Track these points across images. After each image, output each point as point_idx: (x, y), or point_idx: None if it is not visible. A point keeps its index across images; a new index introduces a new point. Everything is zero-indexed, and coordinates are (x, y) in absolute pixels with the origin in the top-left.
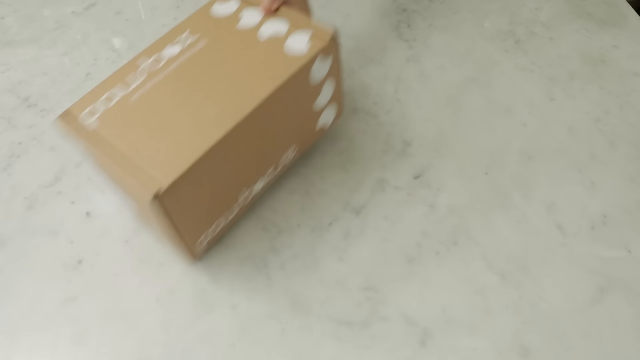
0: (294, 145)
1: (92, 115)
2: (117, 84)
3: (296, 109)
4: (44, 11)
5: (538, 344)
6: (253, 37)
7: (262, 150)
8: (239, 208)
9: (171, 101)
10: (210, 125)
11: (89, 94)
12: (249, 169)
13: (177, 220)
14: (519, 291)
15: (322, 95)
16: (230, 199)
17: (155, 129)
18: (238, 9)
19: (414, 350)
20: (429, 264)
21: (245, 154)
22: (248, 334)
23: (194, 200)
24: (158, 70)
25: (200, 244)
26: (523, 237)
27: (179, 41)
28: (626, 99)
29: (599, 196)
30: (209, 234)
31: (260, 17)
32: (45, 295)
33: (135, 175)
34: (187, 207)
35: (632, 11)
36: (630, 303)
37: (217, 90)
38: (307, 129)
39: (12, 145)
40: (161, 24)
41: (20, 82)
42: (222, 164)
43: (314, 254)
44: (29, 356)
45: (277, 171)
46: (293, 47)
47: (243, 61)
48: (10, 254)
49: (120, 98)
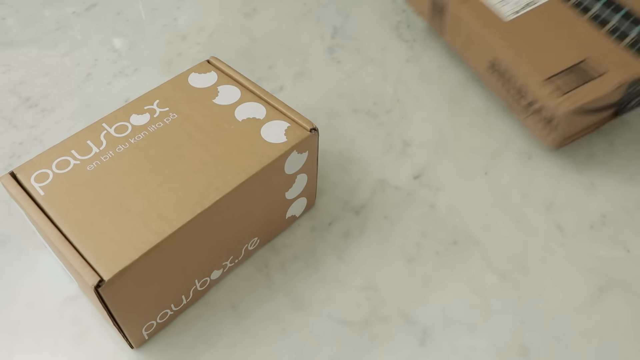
0: (257, 236)
1: (43, 179)
2: (76, 147)
3: (265, 199)
4: (44, 12)
5: (537, 343)
6: (229, 115)
7: (222, 241)
8: (191, 297)
9: (130, 177)
10: (168, 213)
11: (44, 154)
12: (204, 260)
13: (116, 312)
14: (518, 291)
15: (294, 187)
16: (180, 291)
17: (107, 208)
18: (216, 83)
19: (413, 349)
20: (429, 263)
21: (203, 245)
22: (248, 333)
23: (138, 292)
24: (121, 139)
25: (142, 334)
26: (522, 237)
27: (148, 110)
28: None
29: (598, 196)
30: (154, 324)
31: (239, 94)
32: (46, 295)
33: (77, 258)
34: (130, 299)
35: None
36: (629, 303)
37: (181, 172)
38: (274, 219)
39: (13, 145)
40: (162, 24)
41: (21, 83)
42: (175, 256)
43: (314, 254)
44: (29, 356)
45: (236, 261)
46: (270, 134)
47: (214, 142)
48: (11, 253)
49: (76, 165)
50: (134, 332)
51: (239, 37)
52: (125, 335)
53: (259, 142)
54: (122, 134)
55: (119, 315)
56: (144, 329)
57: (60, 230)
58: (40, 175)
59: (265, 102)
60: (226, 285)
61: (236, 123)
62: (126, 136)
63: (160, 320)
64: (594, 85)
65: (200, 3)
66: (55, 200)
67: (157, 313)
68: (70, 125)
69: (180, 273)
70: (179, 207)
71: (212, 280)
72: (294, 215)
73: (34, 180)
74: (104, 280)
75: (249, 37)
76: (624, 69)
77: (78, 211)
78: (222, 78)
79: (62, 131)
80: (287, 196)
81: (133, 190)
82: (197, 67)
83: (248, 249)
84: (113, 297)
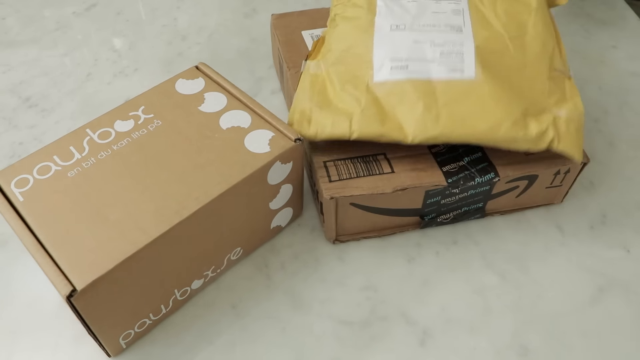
0: (240, 246)
1: (23, 185)
2: (58, 152)
3: (247, 210)
4: (44, 12)
5: (537, 343)
6: (214, 124)
7: (202, 252)
8: (171, 306)
9: (110, 185)
10: (146, 222)
11: (26, 159)
12: (184, 270)
13: (91, 321)
14: (518, 291)
15: (279, 197)
16: (159, 300)
17: (86, 216)
18: (203, 89)
19: (413, 349)
20: (429, 263)
21: (182, 255)
22: (248, 333)
23: (113, 302)
24: (103, 146)
25: (119, 343)
26: (522, 237)
27: (132, 117)
28: (625, 99)
29: (598, 196)
30: (132, 333)
31: (225, 102)
32: (46, 295)
33: (51, 267)
34: (105, 309)
35: (631, 12)
36: (629, 302)
37: (162, 181)
38: (258, 229)
39: (13, 146)
40: (162, 24)
41: (21, 83)
42: (152, 266)
43: (314, 254)
44: (29, 356)
45: (218, 271)
46: (254, 143)
47: (197, 151)
48: (11, 253)
49: (57, 171)
50: (110, 341)
51: (239, 37)
52: (101, 344)
53: (242, 152)
54: (105, 140)
55: (94, 325)
56: (121, 337)
57: (37, 238)
58: (21, 181)
59: (251, 110)
60: (226, 284)
61: (220, 131)
62: (109, 142)
63: (139, 329)
64: (373, 181)
65: (200, 3)
66: (34, 207)
67: (134, 322)
68: (70, 125)
69: (158, 283)
70: (157, 217)
71: (193, 290)
72: (279, 225)
73: (14, 185)
74: (76, 289)
75: (249, 37)
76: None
77: (56, 218)
78: (210, 85)
79: (62, 131)
80: (271, 206)
81: (112, 199)
82: (185, 73)
83: (231, 259)
84: (87, 306)
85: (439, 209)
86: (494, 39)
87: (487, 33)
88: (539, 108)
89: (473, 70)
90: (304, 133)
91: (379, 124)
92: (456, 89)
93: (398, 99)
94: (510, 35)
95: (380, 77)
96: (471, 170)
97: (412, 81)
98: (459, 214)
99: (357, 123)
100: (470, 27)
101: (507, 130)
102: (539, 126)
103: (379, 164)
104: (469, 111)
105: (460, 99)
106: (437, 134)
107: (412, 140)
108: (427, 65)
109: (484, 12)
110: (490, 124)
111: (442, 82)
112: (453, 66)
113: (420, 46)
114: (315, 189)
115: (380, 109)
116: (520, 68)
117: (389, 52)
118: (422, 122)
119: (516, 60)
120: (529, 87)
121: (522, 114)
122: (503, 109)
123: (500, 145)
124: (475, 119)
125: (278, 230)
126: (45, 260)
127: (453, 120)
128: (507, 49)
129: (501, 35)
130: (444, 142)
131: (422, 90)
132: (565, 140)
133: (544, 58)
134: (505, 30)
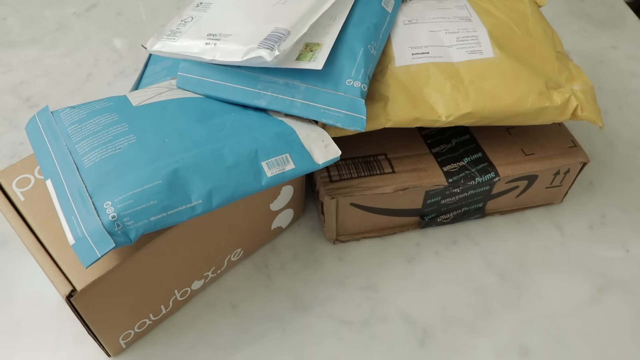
0: (241, 247)
1: (25, 184)
2: None
3: (247, 211)
4: (45, 12)
5: (537, 342)
6: None
7: (202, 253)
8: (171, 307)
9: None
10: None
11: (27, 159)
12: (184, 271)
13: (90, 321)
14: (518, 290)
15: (280, 199)
16: (159, 301)
17: None
18: None
19: (413, 349)
20: (429, 263)
21: (182, 256)
22: (248, 333)
23: (113, 302)
24: None
25: (119, 343)
26: (522, 237)
27: None
28: (624, 99)
29: (597, 196)
30: (132, 334)
31: None
32: (46, 294)
33: (51, 267)
34: (105, 309)
35: (630, 12)
36: (628, 302)
37: None
38: (259, 230)
39: (13, 146)
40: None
41: (21, 83)
42: (152, 267)
43: (314, 254)
44: (29, 355)
45: (219, 272)
46: None
47: None
48: (12, 253)
49: None
50: (110, 341)
51: None
52: (101, 344)
53: None
54: None
55: (94, 325)
56: (121, 338)
57: (38, 238)
58: (22, 181)
59: None
60: (226, 285)
61: None
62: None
63: (139, 329)
64: (374, 180)
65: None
66: (36, 207)
67: (134, 323)
68: None
69: (158, 283)
70: None
71: (194, 290)
72: (280, 226)
73: (15, 185)
74: (76, 289)
75: None
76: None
77: (57, 218)
78: None
79: None
80: (272, 208)
81: None
82: None
83: (231, 259)
84: (87, 306)
85: (439, 209)
86: (502, 25)
87: (494, 20)
88: (556, 83)
89: (491, 50)
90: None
91: (412, 108)
92: (479, 68)
93: (424, 81)
94: (514, 22)
95: (402, 62)
96: (471, 170)
97: (435, 64)
98: (459, 214)
99: (391, 111)
100: (478, 17)
101: (535, 100)
102: (562, 96)
103: (379, 164)
104: (495, 86)
105: (485, 76)
106: (470, 110)
107: (445, 120)
108: (447, 50)
109: (483, 6)
110: (517, 96)
111: (464, 63)
112: (471, 49)
113: (437, 34)
114: (316, 189)
115: (409, 94)
116: (531, 48)
117: (407, 41)
118: (453, 101)
119: (525, 42)
120: (542, 66)
121: (545, 86)
122: (526, 83)
123: (527, 119)
124: (502, 92)
125: (279, 232)
126: (46, 260)
127: (482, 96)
128: (515, 33)
129: (507, 22)
130: (475, 120)
131: (447, 72)
132: (587, 108)
133: (547, 41)
134: (509, 18)
